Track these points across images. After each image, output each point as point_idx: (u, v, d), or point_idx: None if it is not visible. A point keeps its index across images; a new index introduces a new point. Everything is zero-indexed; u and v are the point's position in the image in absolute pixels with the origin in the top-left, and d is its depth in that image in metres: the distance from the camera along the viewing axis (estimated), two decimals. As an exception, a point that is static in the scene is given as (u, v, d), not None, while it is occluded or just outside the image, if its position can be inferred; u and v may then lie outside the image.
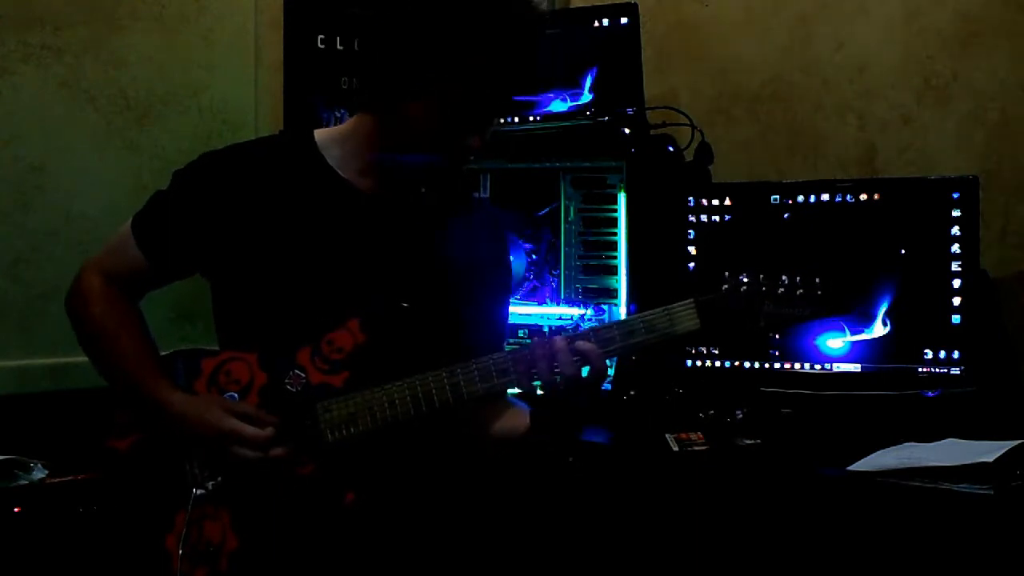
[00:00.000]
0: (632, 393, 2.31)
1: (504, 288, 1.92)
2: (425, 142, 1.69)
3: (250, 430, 1.66)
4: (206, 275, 1.83)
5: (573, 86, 2.57)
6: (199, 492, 1.69)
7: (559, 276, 2.55)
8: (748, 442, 2.10)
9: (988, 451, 1.83)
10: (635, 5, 2.52)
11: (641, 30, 2.52)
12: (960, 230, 2.16)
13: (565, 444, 2.01)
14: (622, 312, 2.46)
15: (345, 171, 1.78)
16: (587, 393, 1.67)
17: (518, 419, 1.76)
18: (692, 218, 2.38)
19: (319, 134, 1.82)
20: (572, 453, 2.12)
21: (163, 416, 1.71)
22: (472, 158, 1.75)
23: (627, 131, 2.49)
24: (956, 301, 2.16)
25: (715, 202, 2.36)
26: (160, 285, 1.85)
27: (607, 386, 2.35)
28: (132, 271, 1.81)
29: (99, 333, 1.79)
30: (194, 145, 2.78)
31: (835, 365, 2.25)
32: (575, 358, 1.64)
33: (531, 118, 2.61)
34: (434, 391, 1.67)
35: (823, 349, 2.26)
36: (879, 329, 2.20)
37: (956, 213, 2.17)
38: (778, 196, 2.31)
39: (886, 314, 2.20)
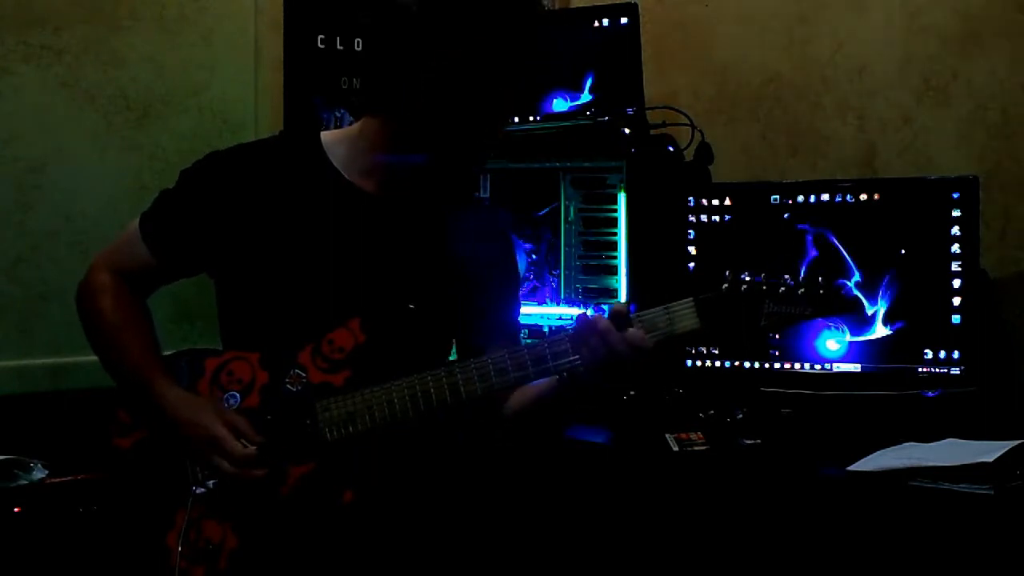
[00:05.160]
0: (632, 393, 2.31)
1: (513, 287, 1.93)
2: (439, 137, 1.69)
3: (234, 444, 1.66)
4: (211, 274, 1.84)
5: (573, 86, 2.57)
6: (199, 491, 1.69)
7: (559, 276, 2.55)
8: (748, 442, 2.10)
9: (988, 451, 1.82)
10: (635, 5, 2.52)
11: (641, 30, 2.53)
12: (960, 230, 2.16)
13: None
14: (622, 312, 2.46)
15: (349, 172, 1.79)
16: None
17: (531, 390, 1.77)
18: (692, 218, 2.37)
19: (325, 135, 1.83)
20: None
21: (158, 411, 1.72)
22: (490, 149, 1.74)
23: (627, 131, 2.49)
24: (956, 301, 2.15)
25: (715, 202, 2.36)
26: (168, 282, 1.87)
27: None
28: (139, 268, 1.82)
29: (105, 327, 1.80)
30: (194, 145, 2.78)
31: (835, 365, 2.25)
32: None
33: (531, 118, 2.61)
34: (433, 391, 1.67)
35: (823, 349, 2.26)
36: (879, 329, 2.20)
37: (956, 213, 2.16)
38: (778, 196, 2.31)
39: (886, 314, 2.20)
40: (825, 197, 2.27)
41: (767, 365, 2.31)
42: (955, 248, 2.16)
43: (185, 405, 1.71)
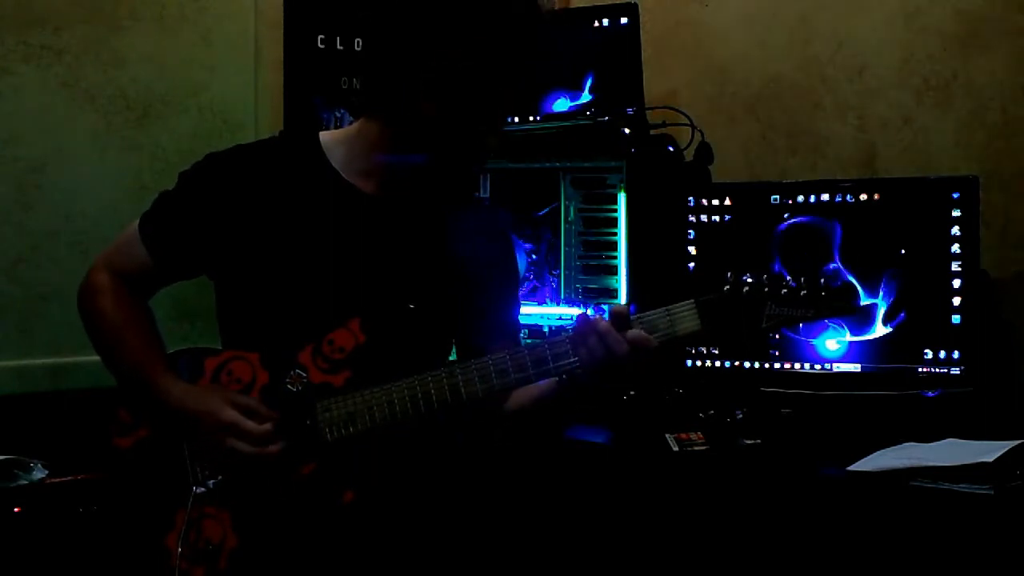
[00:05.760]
0: (632, 393, 2.31)
1: (513, 287, 1.93)
2: (438, 137, 1.70)
3: (249, 424, 1.67)
4: (211, 275, 1.84)
5: (573, 86, 2.57)
6: (199, 491, 1.69)
7: (559, 276, 2.55)
8: (748, 442, 2.10)
9: (988, 451, 1.82)
10: (635, 5, 2.52)
11: (641, 30, 2.53)
12: (960, 230, 2.16)
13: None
14: (622, 312, 2.46)
15: (348, 173, 1.79)
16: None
17: (532, 390, 1.77)
18: (692, 218, 2.37)
19: (324, 136, 1.83)
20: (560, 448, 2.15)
21: (164, 407, 1.72)
22: (489, 150, 1.74)
23: (627, 131, 2.50)
24: (956, 301, 2.16)
25: (715, 202, 2.36)
26: (167, 283, 1.87)
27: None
28: (139, 269, 1.82)
29: (106, 327, 1.80)
30: (194, 145, 2.78)
31: (835, 365, 2.25)
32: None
33: (531, 118, 2.61)
34: (433, 392, 1.67)
35: (823, 349, 2.26)
36: (879, 329, 2.20)
37: (956, 213, 2.17)
38: (778, 196, 2.31)
39: (886, 314, 2.20)
40: (825, 197, 2.27)
41: (767, 365, 2.31)
42: (955, 248, 2.16)
43: (191, 397, 1.71)
